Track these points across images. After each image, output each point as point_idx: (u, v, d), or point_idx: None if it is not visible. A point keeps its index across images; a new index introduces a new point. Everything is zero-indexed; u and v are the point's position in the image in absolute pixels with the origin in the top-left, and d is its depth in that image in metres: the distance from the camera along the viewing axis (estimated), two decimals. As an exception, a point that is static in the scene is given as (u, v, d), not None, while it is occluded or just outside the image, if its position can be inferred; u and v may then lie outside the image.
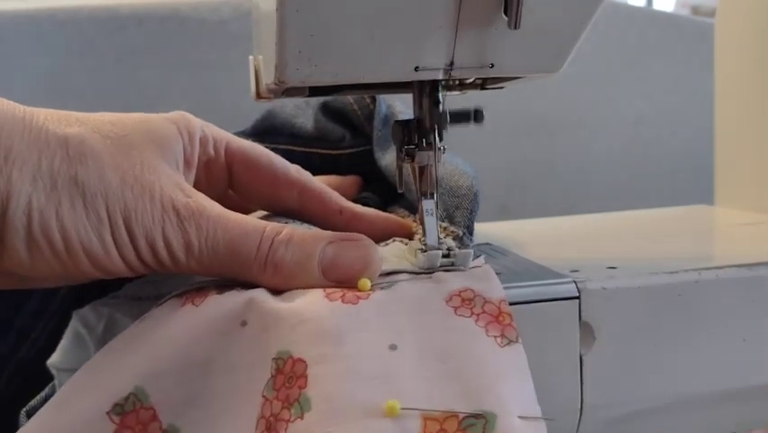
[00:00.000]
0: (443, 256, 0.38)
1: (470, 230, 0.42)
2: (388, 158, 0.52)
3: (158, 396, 0.34)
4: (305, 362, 0.33)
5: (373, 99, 0.55)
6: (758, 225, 0.55)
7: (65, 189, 0.34)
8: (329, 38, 0.34)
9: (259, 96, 0.43)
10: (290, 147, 0.57)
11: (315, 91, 0.40)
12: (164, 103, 0.89)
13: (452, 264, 0.38)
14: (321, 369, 0.32)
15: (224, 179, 0.43)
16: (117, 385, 0.34)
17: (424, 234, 0.38)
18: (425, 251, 0.38)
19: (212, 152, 0.41)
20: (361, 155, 0.55)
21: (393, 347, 0.33)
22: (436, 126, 0.39)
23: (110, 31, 0.86)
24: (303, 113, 0.58)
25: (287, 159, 0.45)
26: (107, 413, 0.34)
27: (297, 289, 0.36)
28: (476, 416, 0.31)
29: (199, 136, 0.40)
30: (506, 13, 0.34)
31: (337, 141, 0.56)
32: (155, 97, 0.88)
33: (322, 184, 0.45)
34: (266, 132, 0.60)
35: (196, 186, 0.39)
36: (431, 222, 0.38)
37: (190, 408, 0.35)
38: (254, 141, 0.62)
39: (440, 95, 0.39)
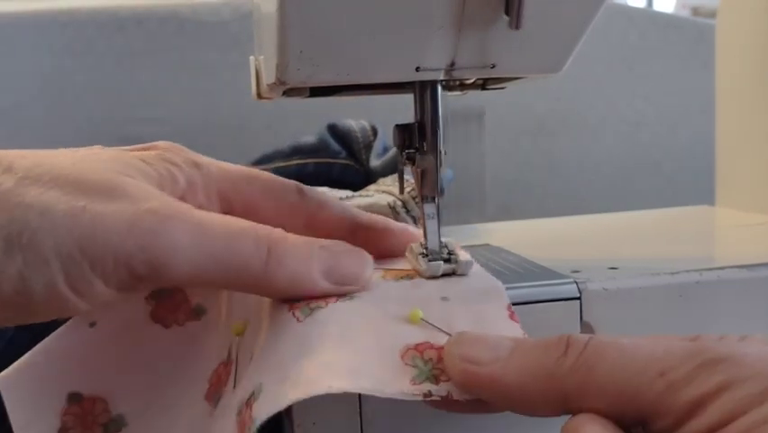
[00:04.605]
0: (445, 261, 0.37)
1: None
2: (379, 162, 0.65)
3: None
4: None
5: (374, 132, 0.67)
6: (759, 225, 0.55)
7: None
8: (330, 38, 0.34)
9: (259, 96, 0.43)
10: (283, 164, 0.70)
11: (315, 91, 0.40)
12: (164, 103, 0.89)
13: (454, 272, 0.37)
14: None
15: None
16: None
17: (425, 238, 0.38)
18: (427, 255, 0.38)
19: (203, 200, 0.36)
20: (353, 169, 0.66)
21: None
22: (437, 129, 0.39)
23: (110, 31, 0.86)
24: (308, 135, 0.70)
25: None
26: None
27: (296, 297, 0.34)
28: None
29: (186, 183, 0.35)
30: (507, 14, 0.34)
31: (335, 153, 0.67)
32: (155, 98, 0.88)
33: (332, 201, 0.39)
34: (266, 159, 0.72)
35: None
36: (432, 225, 0.38)
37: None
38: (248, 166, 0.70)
39: (440, 95, 0.39)
